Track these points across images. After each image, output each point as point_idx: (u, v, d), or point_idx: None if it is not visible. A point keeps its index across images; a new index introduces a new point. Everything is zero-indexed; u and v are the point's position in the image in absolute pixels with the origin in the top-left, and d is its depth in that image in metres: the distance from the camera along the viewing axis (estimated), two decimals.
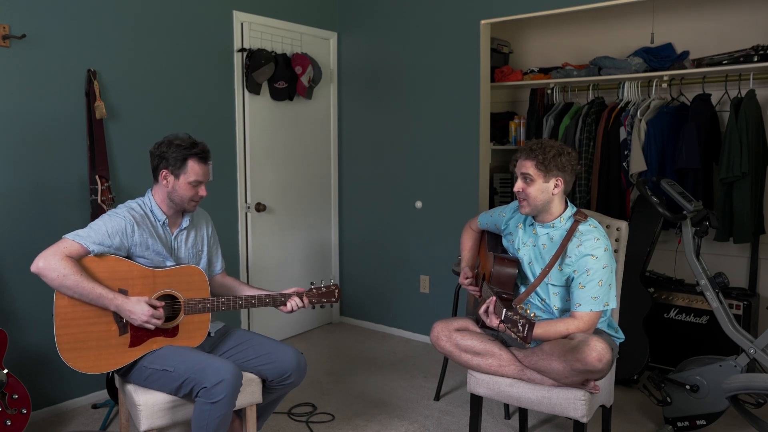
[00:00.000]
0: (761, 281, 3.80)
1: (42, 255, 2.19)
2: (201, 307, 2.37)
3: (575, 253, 2.32)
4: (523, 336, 2.00)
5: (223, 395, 2.18)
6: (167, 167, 2.36)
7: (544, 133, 4.14)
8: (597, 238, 2.32)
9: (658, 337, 3.56)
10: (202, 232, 2.56)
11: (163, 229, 2.42)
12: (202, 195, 2.40)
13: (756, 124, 3.53)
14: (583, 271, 2.31)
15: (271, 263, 4.23)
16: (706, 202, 3.68)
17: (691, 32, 3.97)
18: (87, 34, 3.21)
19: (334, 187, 4.70)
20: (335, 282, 2.51)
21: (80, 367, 2.26)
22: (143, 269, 2.32)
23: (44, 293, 3.10)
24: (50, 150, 3.12)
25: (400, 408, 3.29)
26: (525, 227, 2.50)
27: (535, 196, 2.35)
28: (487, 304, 2.24)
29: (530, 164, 2.33)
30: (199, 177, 2.37)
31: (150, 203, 2.42)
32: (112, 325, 2.29)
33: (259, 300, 2.44)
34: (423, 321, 4.36)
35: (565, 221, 2.39)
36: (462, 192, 4.11)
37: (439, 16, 4.11)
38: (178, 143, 2.36)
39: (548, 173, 2.32)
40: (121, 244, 2.30)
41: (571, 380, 2.25)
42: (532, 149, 2.34)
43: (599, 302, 2.30)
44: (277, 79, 4.03)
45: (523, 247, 2.48)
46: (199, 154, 2.36)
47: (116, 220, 2.31)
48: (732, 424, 3.03)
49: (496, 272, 2.42)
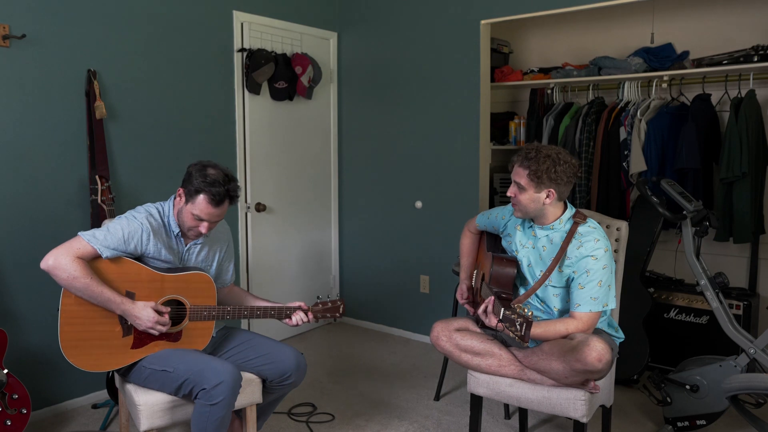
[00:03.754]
0: (761, 281, 3.80)
1: (53, 253, 2.19)
2: (206, 314, 2.38)
3: (575, 255, 2.32)
4: (521, 335, 2.00)
5: (223, 397, 2.19)
6: (185, 188, 2.33)
7: (544, 133, 4.14)
8: (597, 239, 2.33)
9: (658, 337, 3.56)
10: (216, 248, 2.54)
11: (176, 240, 2.41)
12: (203, 232, 2.33)
13: (756, 124, 3.53)
14: (582, 272, 2.31)
15: (271, 263, 4.23)
16: (706, 202, 3.68)
17: (691, 32, 3.97)
18: (87, 34, 3.21)
19: (334, 187, 4.70)
20: (340, 297, 2.51)
21: (81, 365, 2.27)
22: (152, 273, 2.32)
23: (44, 293, 3.11)
24: (50, 150, 3.12)
25: (400, 408, 3.29)
26: (524, 229, 2.50)
27: (526, 204, 2.35)
28: (485, 304, 2.24)
29: (523, 173, 2.32)
30: (202, 215, 2.29)
31: (168, 213, 2.40)
32: (116, 326, 2.29)
33: (265, 311, 2.44)
34: (423, 321, 4.36)
35: (565, 223, 2.39)
36: (462, 192, 4.11)
37: (439, 16, 4.11)
38: (205, 173, 2.29)
39: (540, 185, 2.30)
40: (134, 250, 2.30)
41: (571, 380, 2.25)
42: (528, 157, 2.31)
43: (599, 303, 2.30)
44: (277, 79, 4.03)
45: (521, 249, 2.48)
46: (213, 194, 2.26)
47: (134, 226, 2.29)
48: (732, 424, 3.03)
49: (495, 272, 2.41)
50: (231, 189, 2.31)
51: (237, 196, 2.35)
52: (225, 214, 2.37)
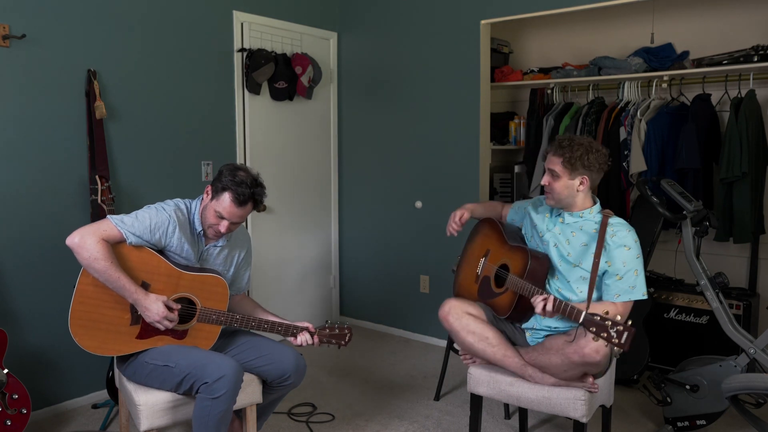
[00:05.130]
0: (761, 281, 3.80)
1: (80, 231, 2.21)
2: (215, 318, 2.39)
3: (610, 244, 2.36)
4: (620, 343, 2.02)
5: (225, 390, 2.19)
6: (213, 185, 2.38)
7: (544, 133, 4.14)
8: (628, 230, 2.39)
9: (658, 337, 3.56)
10: (234, 253, 2.56)
11: (198, 239, 2.44)
12: (222, 231, 2.37)
13: (756, 124, 3.53)
14: (619, 263, 2.34)
15: (271, 263, 4.23)
16: (706, 202, 3.68)
17: (691, 32, 3.97)
18: (87, 34, 3.21)
19: (334, 187, 4.70)
20: (349, 326, 2.54)
21: (85, 345, 2.29)
22: (171, 268, 2.34)
23: (44, 293, 3.11)
24: (50, 150, 3.12)
25: (400, 408, 3.29)
26: (552, 216, 2.54)
27: (560, 192, 2.41)
28: (543, 301, 2.23)
29: (557, 161, 2.38)
30: (224, 213, 2.33)
31: (195, 210, 2.44)
32: (126, 313, 2.32)
33: (272, 326, 2.45)
34: (423, 321, 4.36)
35: (595, 214, 2.44)
36: (462, 192, 4.10)
37: (439, 16, 4.11)
38: (235, 173, 2.35)
39: (574, 171, 2.37)
40: (159, 241, 2.33)
41: (569, 374, 2.27)
42: (561, 146, 2.39)
43: (637, 291, 2.36)
44: (277, 79, 4.03)
45: (547, 233, 2.51)
46: (238, 194, 2.31)
47: (162, 217, 2.33)
48: (732, 424, 3.03)
49: (532, 267, 2.42)
50: (257, 193, 2.38)
51: (261, 202, 2.41)
52: (246, 217, 2.42)
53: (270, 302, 4.21)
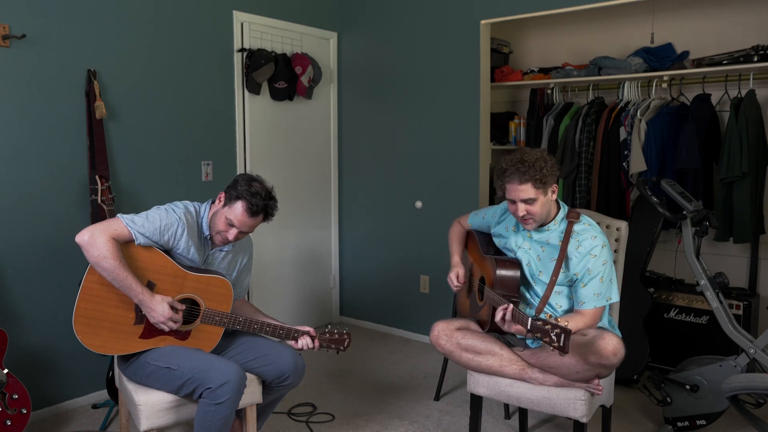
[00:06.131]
0: (761, 281, 3.80)
1: (90, 229, 2.22)
2: (219, 320, 2.39)
3: (575, 255, 2.35)
4: (559, 346, 2.00)
5: (228, 396, 2.20)
6: (227, 192, 2.40)
7: (544, 133, 4.14)
8: (594, 236, 2.36)
9: (658, 337, 3.56)
10: (238, 258, 2.58)
11: (204, 243, 2.46)
12: (229, 239, 2.39)
13: (756, 124, 3.53)
14: (584, 271, 2.34)
15: (271, 263, 4.23)
16: (706, 202, 3.68)
17: (691, 32, 3.97)
18: (87, 34, 3.21)
19: (334, 187, 4.70)
20: (348, 332, 2.58)
21: (88, 343, 2.29)
22: (177, 268, 2.34)
23: (44, 293, 3.11)
24: (50, 150, 3.11)
25: (400, 408, 3.29)
26: (519, 230, 2.52)
27: (540, 213, 2.36)
28: (502, 311, 2.23)
29: (527, 187, 2.31)
30: (235, 221, 2.35)
31: (203, 214, 2.45)
32: (130, 312, 2.32)
33: (273, 329, 2.46)
34: (423, 321, 4.36)
35: (559, 223, 2.41)
36: (462, 192, 4.11)
37: (439, 16, 4.11)
38: (251, 184, 2.39)
39: (546, 186, 2.33)
40: (167, 242, 2.34)
41: (582, 375, 2.25)
42: (521, 171, 2.30)
43: (602, 298, 2.35)
44: (277, 79, 4.03)
45: (518, 250, 2.49)
46: (251, 204, 2.34)
47: (172, 218, 2.34)
48: (732, 424, 3.03)
49: (501, 276, 2.41)
50: (269, 206, 2.41)
51: (272, 215, 2.44)
52: (255, 228, 2.43)
53: (270, 302, 4.22)
